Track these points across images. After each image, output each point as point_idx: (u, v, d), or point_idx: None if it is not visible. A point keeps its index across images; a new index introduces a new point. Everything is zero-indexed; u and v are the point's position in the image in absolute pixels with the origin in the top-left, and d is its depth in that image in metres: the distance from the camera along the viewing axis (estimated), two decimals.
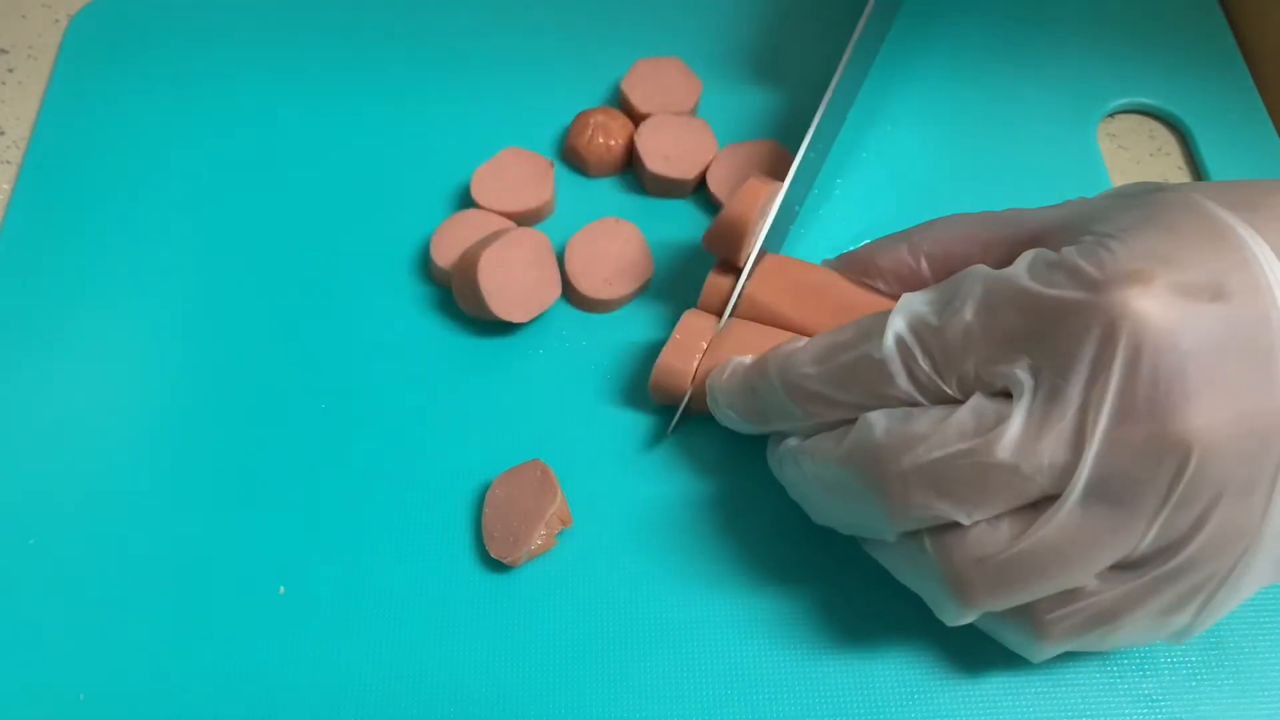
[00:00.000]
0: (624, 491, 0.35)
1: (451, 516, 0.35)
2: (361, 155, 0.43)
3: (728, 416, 0.33)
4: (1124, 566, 0.25)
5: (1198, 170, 0.43)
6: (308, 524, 0.35)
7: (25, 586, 0.34)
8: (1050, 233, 0.29)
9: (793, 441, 0.31)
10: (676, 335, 0.35)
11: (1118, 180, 0.43)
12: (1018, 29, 0.46)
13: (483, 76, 0.46)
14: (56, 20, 0.49)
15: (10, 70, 0.47)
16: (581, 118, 0.42)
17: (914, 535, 0.28)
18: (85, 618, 0.33)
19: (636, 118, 0.43)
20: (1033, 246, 0.28)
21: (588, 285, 0.38)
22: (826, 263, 0.36)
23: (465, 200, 0.41)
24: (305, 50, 0.46)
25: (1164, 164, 0.44)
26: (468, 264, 0.37)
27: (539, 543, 0.33)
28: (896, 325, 0.27)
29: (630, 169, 0.43)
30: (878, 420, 0.27)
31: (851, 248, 0.41)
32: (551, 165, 0.41)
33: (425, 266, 0.40)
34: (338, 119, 0.44)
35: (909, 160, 0.43)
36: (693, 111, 0.43)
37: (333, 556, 0.34)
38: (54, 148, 0.44)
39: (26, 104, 0.46)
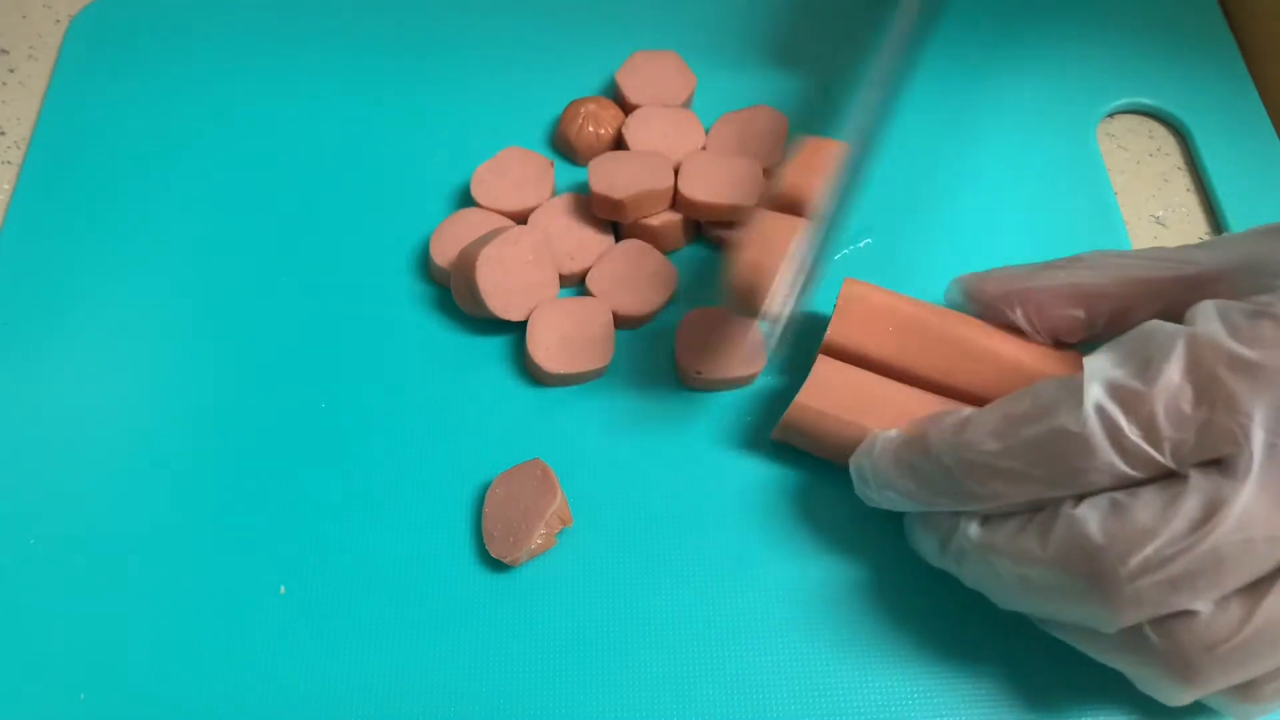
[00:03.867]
0: (624, 491, 0.35)
1: (451, 516, 0.35)
2: (361, 154, 0.43)
3: (887, 498, 0.30)
4: None
5: (1197, 170, 0.43)
6: (308, 524, 0.35)
7: (25, 586, 0.34)
8: (1216, 277, 0.28)
9: (974, 533, 0.28)
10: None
11: (1117, 180, 0.43)
12: (1018, 29, 0.46)
13: (483, 73, 0.46)
14: (57, 20, 0.49)
15: (11, 70, 0.47)
16: (573, 106, 0.42)
17: (1133, 626, 0.26)
18: (85, 618, 0.33)
19: (628, 109, 0.43)
20: (1195, 289, 0.27)
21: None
22: (953, 284, 0.34)
23: (465, 199, 0.41)
24: (305, 51, 0.46)
25: (1164, 164, 0.44)
26: (465, 263, 0.37)
27: (539, 542, 0.33)
28: (1094, 394, 0.25)
29: None
30: (1088, 517, 0.25)
31: (849, 250, 0.40)
32: (551, 164, 0.41)
33: (425, 266, 0.40)
34: (337, 118, 0.44)
35: (908, 159, 0.43)
36: (685, 105, 0.43)
37: (333, 557, 0.34)
38: (54, 148, 0.44)
39: (27, 104, 0.46)
